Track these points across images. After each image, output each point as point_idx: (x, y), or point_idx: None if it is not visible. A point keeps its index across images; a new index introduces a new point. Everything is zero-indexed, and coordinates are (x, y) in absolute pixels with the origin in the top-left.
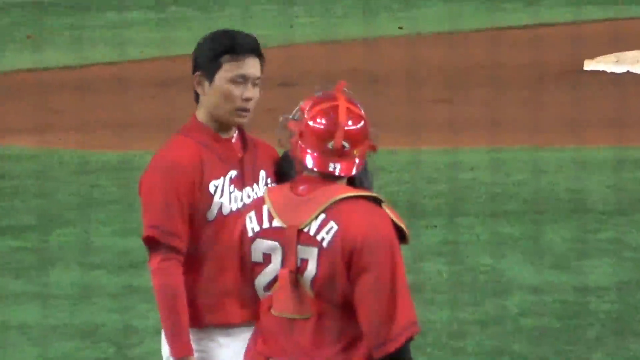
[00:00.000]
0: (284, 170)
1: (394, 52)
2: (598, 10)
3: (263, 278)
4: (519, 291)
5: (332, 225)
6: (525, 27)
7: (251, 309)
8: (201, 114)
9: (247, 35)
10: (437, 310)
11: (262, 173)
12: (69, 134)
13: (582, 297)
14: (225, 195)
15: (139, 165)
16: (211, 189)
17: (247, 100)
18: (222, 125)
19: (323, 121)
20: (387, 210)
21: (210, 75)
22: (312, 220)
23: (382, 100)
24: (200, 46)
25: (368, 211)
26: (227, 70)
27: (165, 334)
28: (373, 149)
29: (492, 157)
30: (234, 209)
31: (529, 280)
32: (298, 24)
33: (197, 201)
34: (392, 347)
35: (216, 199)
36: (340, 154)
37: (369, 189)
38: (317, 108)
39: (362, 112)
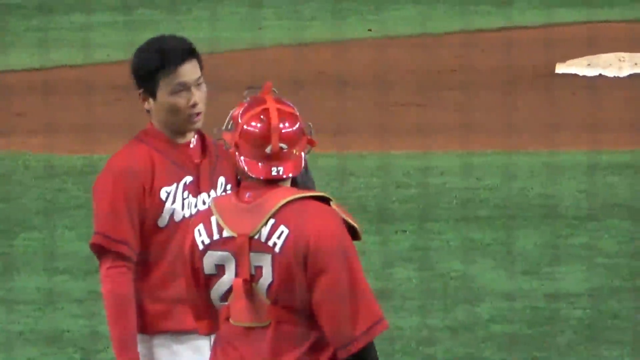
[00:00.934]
0: None
1: (363, 55)
2: (571, 13)
3: (218, 289)
4: (490, 297)
5: (283, 229)
6: (497, 30)
7: (206, 321)
8: (155, 123)
9: (176, 42)
10: (407, 316)
11: (222, 179)
12: (33, 138)
13: (554, 304)
14: (178, 201)
15: None
16: (162, 195)
17: (194, 105)
18: (178, 132)
19: (257, 126)
20: (336, 209)
21: (151, 92)
22: (261, 227)
23: (351, 104)
24: (134, 66)
25: (317, 211)
26: (165, 84)
27: (113, 342)
28: (311, 143)
29: (463, 161)
30: (187, 215)
31: (500, 287)
32: (266, 26)
33: (147, 207)
34: (357, 347)
35: (168, 205)
36: (280, 157)
37: (312, 189)
38: (248, 115)
39: (293, 109)
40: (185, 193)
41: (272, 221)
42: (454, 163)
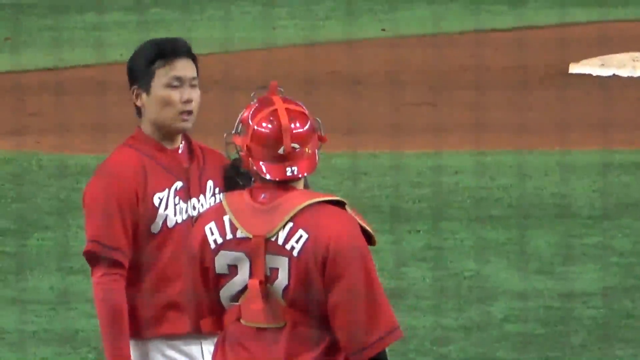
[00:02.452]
0: (231, 177)
1: (376, 54)
2: (584, 13)
3: (230, 289)
4: (504, 297)
5: (302, 233)
6: (510, 29)
7: (210, 319)
8: (145, 126)
9: (176, 39)
10: (421, 316)
11: (210, 183)
12: (47, 137)
13: (568, 303)
14: (170, 207)
15: None
16: (155, 201)
17: (188, 102)
18: (167, 135)
19: (268, 127)
20: (352, 213)
21: (146, 86)
22: (279, 230)
23: (364, 103)
24: (131, 60)
25: (336, 217)
26: (161, 76)
27: (105, 350)
28: (323, 140)
29: (476, 160)
30: (179, 221)
31: (513, 286)
32: (279, 26)
33: (140, 213)
34: (370, 353)
35: (161, 211)
36: (293, 157)
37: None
38: (258, 117)
39: (302, 108)
40: (177, 199)
41: (290, 224)
42: (467, 162)
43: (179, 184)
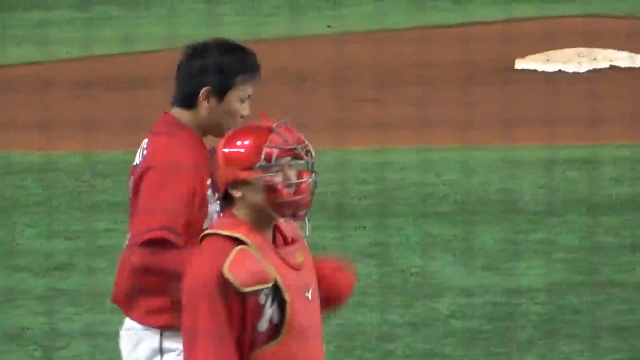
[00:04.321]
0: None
1: (321, 51)
2: (529, 9)
3: None
4: (450, 293)
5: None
6: (455, 25)
7: None
8: (189, 119)
9: (254, 54)
10: (367, 312)
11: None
12: None
13: (513, 299)
14: (212, 203)
15: (63, 166)
16: (208, 198)
17: (243, 117)
18: (206, 134)
19: None
20: (235, 255)
21: (221, 93)
22: None
23: (309, 100)
24: (211, 60)
25: (201, 252)
26: (239, 90)
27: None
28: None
29: (422, 157)
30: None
31: (459, 282)
32: (224, 22)
33: (197, 211)
34: None
35: (211, 208)
36: None
37: None
38: None
39: (243, 142)
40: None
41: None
42: (413, 158)
43: (209, 181)
